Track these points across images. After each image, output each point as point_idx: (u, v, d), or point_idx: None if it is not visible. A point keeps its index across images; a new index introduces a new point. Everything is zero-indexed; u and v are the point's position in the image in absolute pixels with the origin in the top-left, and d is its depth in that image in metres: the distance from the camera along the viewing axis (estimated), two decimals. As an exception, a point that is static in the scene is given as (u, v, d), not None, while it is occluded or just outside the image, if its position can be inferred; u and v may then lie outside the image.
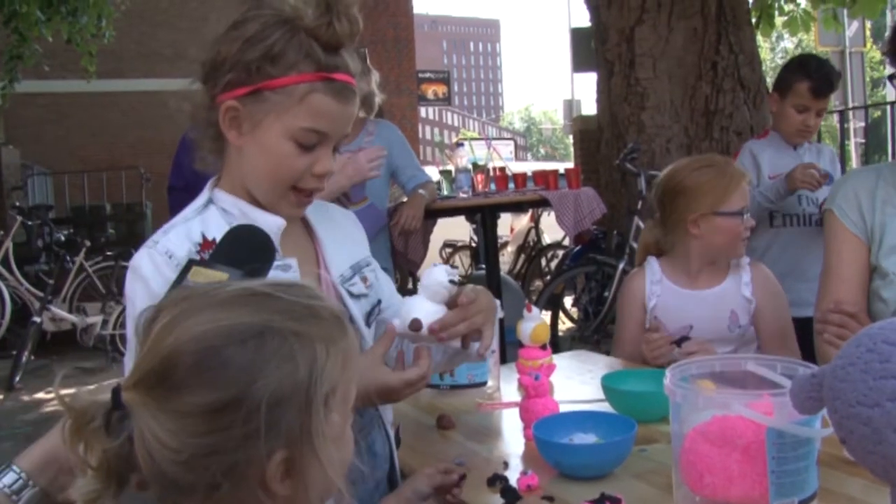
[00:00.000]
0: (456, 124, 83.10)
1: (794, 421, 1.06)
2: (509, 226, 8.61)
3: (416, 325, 1.24)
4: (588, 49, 6.07)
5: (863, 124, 9.79)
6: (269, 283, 0.83)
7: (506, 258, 8.39)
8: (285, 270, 1.26)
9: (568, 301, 6.74)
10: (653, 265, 2.21)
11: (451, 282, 1.26)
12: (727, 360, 1.27)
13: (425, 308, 1.25)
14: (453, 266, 1.34)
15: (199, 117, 1.25)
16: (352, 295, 1.37)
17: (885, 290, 1.70)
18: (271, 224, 1.26)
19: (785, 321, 2.14)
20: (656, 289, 2.16)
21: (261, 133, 1.22)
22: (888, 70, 1.76)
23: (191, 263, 0.97)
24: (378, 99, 3.36)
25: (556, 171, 4.15)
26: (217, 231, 1.19)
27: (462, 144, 4.33)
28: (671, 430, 1.21)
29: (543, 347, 1.79)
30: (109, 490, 0.76)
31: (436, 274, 1.27)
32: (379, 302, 1.42)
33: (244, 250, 1.04)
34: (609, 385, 1.63)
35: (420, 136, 20.76)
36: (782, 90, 2.95)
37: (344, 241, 1.43)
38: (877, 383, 0.84)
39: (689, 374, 1.23)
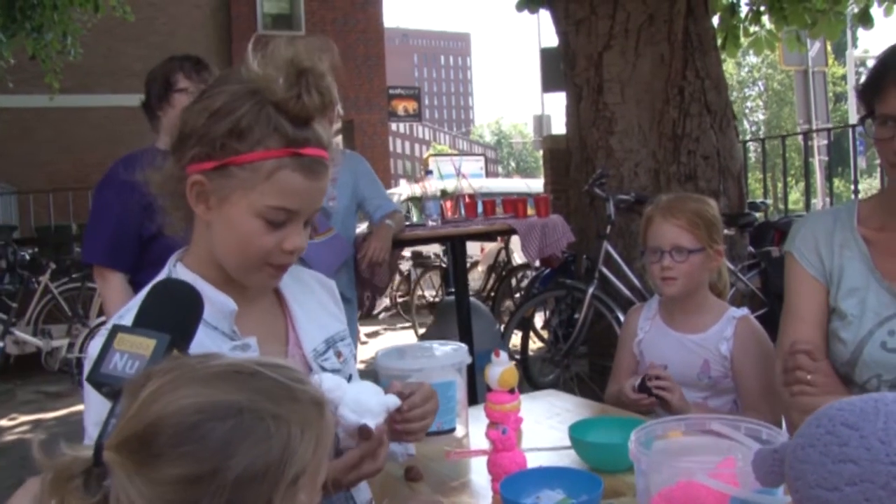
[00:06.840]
0: (427, 138, 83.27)
1: (756, 490, 1.06)
2: (479, 245, 8.62)
3: (365, 433, 1.22)
4: (557, 70, 6.11)
5: (826, 142, 9.97)
6: (256, 360, 0.86)
7: (476, 277, 8.40)
8: (244, 350, 1.23)
9: (539, 320, 6.76)
10: (652, 301, 2.26)
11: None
12: (692, 421, 1.28)
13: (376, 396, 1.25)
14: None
15: (168, 187, 1.22)
16: (325, 371, 1.33)
17: (844, 330, 1.73)
18: (223, 307, 1.23)
19: (769, 379, 2.01)
20: (646, 325, 2.21)
21: (228, 209, 1.18)
22: (860, 112, 1.76)
23: (116, 330, 0.92)
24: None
25: (525, 200, 4.16)
26: None
27: (431, 171, 4.34)
28: (636, 488, 1.21)
29: (511, 391, 1.80)
30: None
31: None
32: (350, 377, 1.39)
33: (168, 309, 0.97)
34: (576, 436, 1.64)
35: (391, 149, 20.80)
36: None
37: (318, 312, 1.40)
38: (835, 467, 0.85)
39: (654, 436, 1.24)
